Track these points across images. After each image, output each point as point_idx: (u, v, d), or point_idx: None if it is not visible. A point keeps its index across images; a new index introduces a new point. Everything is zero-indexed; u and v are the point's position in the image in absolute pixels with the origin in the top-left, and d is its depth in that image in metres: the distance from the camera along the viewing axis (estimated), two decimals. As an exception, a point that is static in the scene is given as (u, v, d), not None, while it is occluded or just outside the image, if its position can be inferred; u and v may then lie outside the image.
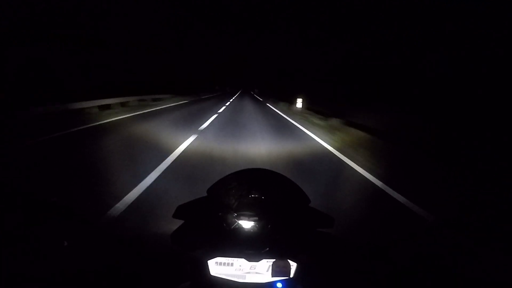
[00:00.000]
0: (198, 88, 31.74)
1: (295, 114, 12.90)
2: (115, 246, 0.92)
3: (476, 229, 2.28)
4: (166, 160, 4.14)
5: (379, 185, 3.65)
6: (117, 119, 8.38)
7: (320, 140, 6.63)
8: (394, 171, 4.41)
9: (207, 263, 0.73)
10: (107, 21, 15.91)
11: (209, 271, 0.73)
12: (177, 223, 0.80)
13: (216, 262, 0.73)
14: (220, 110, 13.07)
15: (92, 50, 14.19)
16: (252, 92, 50.89)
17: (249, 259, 0.73)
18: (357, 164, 4.59)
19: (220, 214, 0.78)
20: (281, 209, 0.81)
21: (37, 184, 2.97)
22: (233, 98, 26.75)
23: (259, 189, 0.83)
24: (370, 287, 0.78)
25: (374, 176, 4.03)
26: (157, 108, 12.63)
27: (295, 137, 7.15)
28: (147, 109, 11.53)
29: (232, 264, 0.74)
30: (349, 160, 4.81)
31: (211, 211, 0.80)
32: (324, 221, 0.83)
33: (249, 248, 0.74)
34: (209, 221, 0.79)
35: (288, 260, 0.73)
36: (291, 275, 0.73)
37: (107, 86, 13.24)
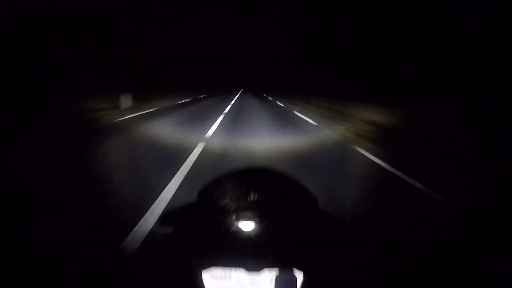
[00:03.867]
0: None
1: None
2: (98, 249, 0.82)
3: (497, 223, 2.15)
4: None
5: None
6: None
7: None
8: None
9: (202, 275, 0.64)
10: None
11: (203, 287, 0.64)
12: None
13: (212, 275, 0.64)
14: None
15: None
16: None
17: (249, 269, 0.64)
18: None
19: (216, 217, 0.70)
20: (284, 211, 0.74)
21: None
22: None
23: (259, 190, 0.75)
24: None
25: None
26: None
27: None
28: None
29: (229, 277, 0.65)
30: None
31: (205, 215, 0.72)
32: (334, 223, 0.75)
33: (249, 255, 0.65)
34: (204, 226, 0.71)
35: (294, 269, 0.64)
36: None
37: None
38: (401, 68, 15.01)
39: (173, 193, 2.66)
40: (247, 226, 0.69)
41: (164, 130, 6.30)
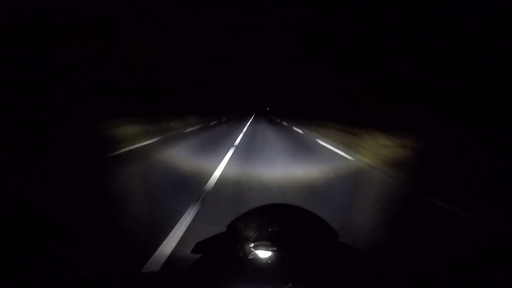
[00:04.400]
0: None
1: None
2: (125, 276, 0.85)
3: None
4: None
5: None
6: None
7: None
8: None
9: None
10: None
11: None
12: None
13: None
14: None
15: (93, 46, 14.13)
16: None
17: None
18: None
19: (237, 245, 0.76)
20: (302, 241, 0.78)
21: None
22: None
23: (280, 222, 0.81)
24: None
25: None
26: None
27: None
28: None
29: None
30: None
31: (229, 244, 0.79)
32: (355, 255, 0.78)
33: (270, 283, 0.68)
34: (227, 254, 0.78)
35: None
36: None
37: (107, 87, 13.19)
38: (401, 68, 15.05)
39: None
40: (264, 254, 0.73)
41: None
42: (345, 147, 8.22)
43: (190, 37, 31.48)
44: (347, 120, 13.55)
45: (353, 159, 6.36)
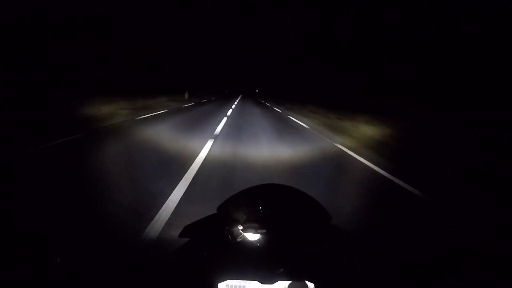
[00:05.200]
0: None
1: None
2: (113, 266, 0.82)
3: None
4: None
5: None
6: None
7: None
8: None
9: (218, 286, 0.65)
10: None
11: None
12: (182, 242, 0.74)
13: (227, 285, 0.66)
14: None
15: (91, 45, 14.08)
16: None
17: (263, 281, 0.65)
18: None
19: (226, 228, 0.73)
20: (293, 224, 0.76)
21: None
22: None
23: (271, 204, 0.79)
24: None
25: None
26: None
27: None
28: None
29: (244, 287, 0.66)
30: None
31: (218, 227, 0.75)
32: (347, 238, 0.77)
33: (262, 268, 0.66)
34: (216, 237, 0.74)
35: (306, 282, 0.65)
36: None
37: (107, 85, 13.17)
38: (401, 68, 15.02)
39: None
40: (252, 237, 0.72)
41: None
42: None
43: (190, 37, 31.39)
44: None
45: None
